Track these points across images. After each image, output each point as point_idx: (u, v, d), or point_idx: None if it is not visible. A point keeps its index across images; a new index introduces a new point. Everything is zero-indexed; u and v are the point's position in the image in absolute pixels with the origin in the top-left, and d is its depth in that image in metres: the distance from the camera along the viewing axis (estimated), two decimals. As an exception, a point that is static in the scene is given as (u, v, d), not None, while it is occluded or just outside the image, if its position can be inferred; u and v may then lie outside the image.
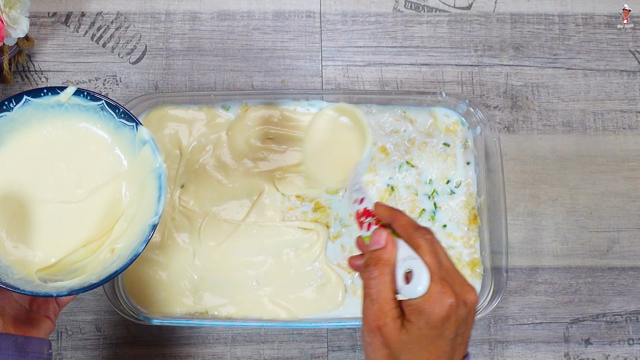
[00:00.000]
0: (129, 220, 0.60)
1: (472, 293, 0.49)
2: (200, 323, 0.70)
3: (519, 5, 0.82)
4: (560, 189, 0.78)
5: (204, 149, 0.74)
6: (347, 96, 0.75)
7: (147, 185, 0.59)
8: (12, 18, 0.70)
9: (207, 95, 0.75)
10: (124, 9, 0.80)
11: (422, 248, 0.49)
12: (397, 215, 0.52)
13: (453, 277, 0.49)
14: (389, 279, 0.49)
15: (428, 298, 0.47)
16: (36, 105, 0.59)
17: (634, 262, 0.76)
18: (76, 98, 0.59)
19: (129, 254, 0.57)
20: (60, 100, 0.59)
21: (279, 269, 0.72)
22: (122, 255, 0.57)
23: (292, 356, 0.73)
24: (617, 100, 0.80)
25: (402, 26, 0.81)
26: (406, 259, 0.49)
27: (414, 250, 0.49)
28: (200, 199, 0.73)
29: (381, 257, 0.49)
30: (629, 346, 0.75)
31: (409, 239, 0.50)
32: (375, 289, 0.48)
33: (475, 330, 0.74)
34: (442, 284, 0.47)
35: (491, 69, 0.80)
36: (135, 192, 0.60)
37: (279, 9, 0.81)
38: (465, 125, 0.76)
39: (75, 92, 0.59)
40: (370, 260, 0.50)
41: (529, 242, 0.76)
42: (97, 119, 0.61)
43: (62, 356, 0.73)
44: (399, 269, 0.49)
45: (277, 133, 0.75)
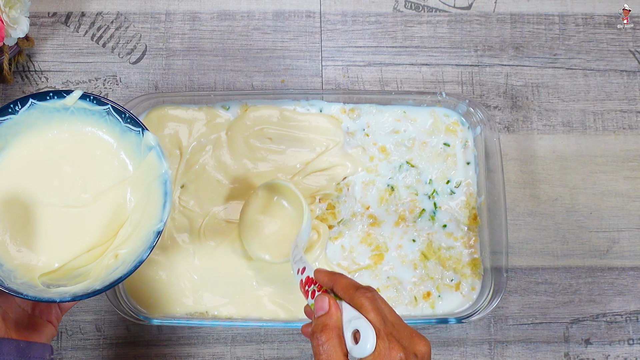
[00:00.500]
0: (134, 225, 0.59)
1: (422, 344, 0.50)
2: (200, 323, 0.70)
3: (519, 5, 0.82)
4: (560, 189, 0.78)
5: (204, 149, 0.74)
6: (347, 96, 0.76)
7: (152, 191, 0.59)
8: (12, 18, 0.70)
9: (207, 95, 0.75)
10: (124, 9, 0.80)
11: (365, 307, 0.50)
12: (336, 278, 0.53)
13: (400, 331, 0.50)
14: (337, 342, 0.49)
15: (377, 356, 0.47)
16: (42, 108, 0.59)
17: (634, 262, 0.76)
18: (82, 102, 0.59)
19: (133, 260, 0.56)
20: (66, 104, 0.59)
21: (279, 269, 0.72)
22: (126, 261, 0.57)
23: (292, 356, 0.73)
24: (617, 100, 0.80)
25: (402, 26, 0.81)
26: (352, 320, 0.50)
27: (358, 311, 0.50)
28: (200, 199, 0.73)
29: (327, 323, 0.50)
30: (629, 346, 0.75)
31: (351, 301, 0.51)
32: (325, 355, 0.49)
33: (475, 330, 0.74)
34: (389, 339, 0.48)
35: (491, 69, 0.80)
36: (140, 198, 0.60)
37: (279, 9, 0.81)
38: (465, 125, 0.76)
39: (81, 96, 0.59)
40: (316, 327, 0.50)
41: (529, 242, 0.76)
42: (102, 123, 0.61)
43: (62, 356, 0.73)
44: (346, 330, 0.50)
45: (276, 133, 0.75)
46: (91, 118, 0.60)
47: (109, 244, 0.60)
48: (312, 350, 0.51)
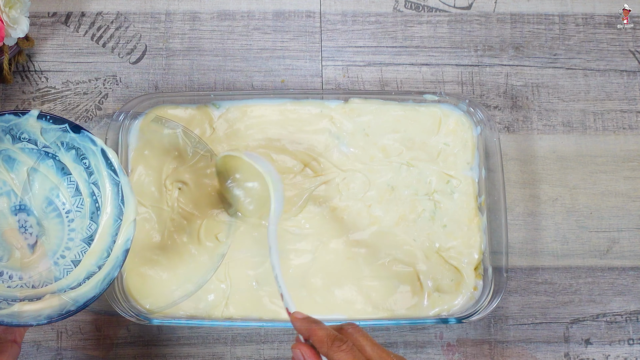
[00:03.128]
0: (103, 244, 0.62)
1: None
2: (200, 323, 0.70)
3: (519, 5, 0.82)
4: (560, 189, 0.78)
5: (200, 150, 0.74)
6: (347, 96, 0.75)
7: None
8: (12, 18, 0.70)
9: (206, 95, 0.75)
10: (124, 9, 0.80)
11: (343, 348, 0.51)
12: (312, 330, 0.54)
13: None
14: None
15: None
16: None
17: (634, 262, 0.76)
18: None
19: (104, 278, 0.58)
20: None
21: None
22: (99, 280, 0.58)
23: (292, 356, 0.73)
24: (617, 100, 0.80)
25: (402, 26, 0.81)
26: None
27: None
28: (198, 200, 0.73)
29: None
30: (629, 346, 0.75)
31: (327, 356, 0.52)
32: None
33: (475, 330, 0.74)
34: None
35: (491, 69, 0.80)
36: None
37: (279, 9, 0.81)
38: (466, 125, 0.76)
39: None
40: None
41: (529, 242, 0.76)
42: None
43: (62, 356, 0.73)
44: None
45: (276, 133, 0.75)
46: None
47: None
48: None
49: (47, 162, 0.64)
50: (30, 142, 0.62)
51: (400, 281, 0.72)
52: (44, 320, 0.55)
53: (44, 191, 0.64)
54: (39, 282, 0.62)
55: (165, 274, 0.72)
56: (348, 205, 0.74)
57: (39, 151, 0.63)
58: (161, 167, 0.73)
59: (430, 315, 0.71)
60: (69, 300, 0.58)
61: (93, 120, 0.78)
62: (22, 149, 0.63)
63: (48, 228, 0.64)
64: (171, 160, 0.74)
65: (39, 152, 0.63)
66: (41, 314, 0.56)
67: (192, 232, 0.72)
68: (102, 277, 0.59)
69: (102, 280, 0.59)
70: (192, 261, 0.72)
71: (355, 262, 0.73)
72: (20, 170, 0.64)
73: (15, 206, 0.64)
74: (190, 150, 0.73)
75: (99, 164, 0.62)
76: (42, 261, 0.63)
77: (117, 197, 0.61)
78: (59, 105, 0.78)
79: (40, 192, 0.64)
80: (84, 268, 0.61)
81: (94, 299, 0.57)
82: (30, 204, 0.64)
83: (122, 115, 0.73)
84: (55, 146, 0.62)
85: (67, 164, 0.63)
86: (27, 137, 0.62)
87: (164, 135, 0.74)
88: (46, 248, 0.64)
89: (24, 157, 0.63)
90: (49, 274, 0.62)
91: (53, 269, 0.63)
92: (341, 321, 0.70)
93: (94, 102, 0.78)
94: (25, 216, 0.64)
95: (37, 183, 0.64)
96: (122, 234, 0.60)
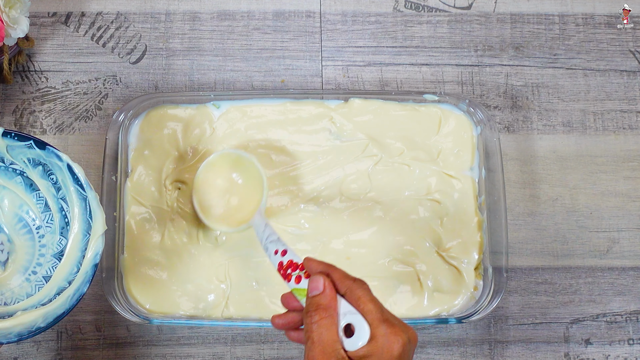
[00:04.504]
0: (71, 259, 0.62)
1: (412, 332, 0.51)
2: (200, 323, 0.70)
3: (519, 5, 0.82)
4: (560, 189, 0.78)
5: (200, 149, 0.74)
6: (347, 96, 0.75)
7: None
8: (12, 18, 0.70)
9: (207, 95, 0.75)
10: (124, 9, 0.80)
11: (363, 298, 0.50)
12: (332, 268, 0.53)
13: (396, 319, 0.51)
14: (331, 322, 0.50)
15: (375, 344, 0.48)
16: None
17: (634, 262, 0.76)
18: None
19: (73, 293, 0.58)
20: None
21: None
22: (68, 295, 0.58)
23: (292, 356, 0.73)
24: (617, 100, 0.80)
25: (402, 26, 0.81)
26: (346, 314, 0.50)
27: (352, 305, 0.51)
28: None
29: (321, 302, 0.50)
30: (629, 346, 0.75)
31: (347, 291, 0.51)
32: (316, 332, 0.49)
33: (475, 330, 0.74)
34: (389, 325, 0.49)
35: (491, 69, 0.80)
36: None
37: (279, 9, 0.81)
38: (466, 125, 0.76)
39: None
40: (310, 306, 0.51)
41: (529, 242, 0.76)
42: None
43: (62, 356, 0.73)
44: (339, 322, 0.50)
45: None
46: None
47: None
48: (305, 328, 0.51)
49: (15, 179, 0.64)
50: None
51: (400, 281, 0.72)
52: (14, 338, 0.56)
53: (13, 208, 0.65)
54: (10, 298, 0.62)
55: (165, 274, 0.72)
56: (348, 205, 0.74)
57: (7, 168, 0.63)
58: (161, 167, 0.73)
59: (430, 315, 0.71)
60: (39, 317, 0.57)
61: (93, 120, 0.78)
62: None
63: (19, 244, 0.64)
64: (171, 160, 0.74)
65: (7, 169, 0.63)
66: (11, 332, 0.56)
67: (192, 232, 0.72)
68: (71, 293, 0.59)
69: (71, 295, 0.59)
70: (192, 261, 0.72)
71: (355, 262, 0.73)
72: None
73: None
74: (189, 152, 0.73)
75: (66, 179, 0.62)
76: (14, 277, 0.64)
77: (85, 211, 0.61)
78: (59, 105, 0.78)
79: (10, 209, 0.65)
80: (55, 283, 0.61)
81: (63, 315, 0.58)
82: (1, 221, 0.65)
83: (122, 115, 0.73)
84: (22, 163, 0.63)
85: (35, 180, 0.63)
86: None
87: (164, 135, 0.74)
88: (18, 264, 0.64)
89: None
90: (20, 290, 0.63)
91: (25, 285, 0.63)
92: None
93: (94, 102, 0.78)
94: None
95: (7, 200, 0.65)
96: (91, 248, 0.60)
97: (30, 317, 0.58)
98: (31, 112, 0.77)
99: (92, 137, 0.77)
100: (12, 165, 0.63)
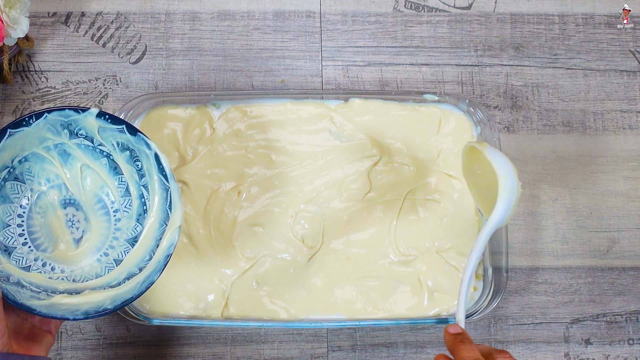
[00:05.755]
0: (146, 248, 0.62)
1: None
2: (200, 323, 0.70)
3: (519, 5, 0.82)
4: (560, 189, 0.78)
5: (200, 150, 0.74)
6: (347, 96, 0.76)
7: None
8: (12, 18, 0.70)
9: (207, 95, 0.75)
10: (124, 9, 0.80)
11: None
12: (458, 348, 0.54)
13: None
14: None
15: None
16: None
17: (634, 262, 0.76)
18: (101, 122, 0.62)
19: (143, 280, 0.59)
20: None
21: (279, 269, 0.72)
22: (138, 282, 0.59)
23: (292, 356, 0.73)
24: (617, 100, 0.80)
25: (402, 26, 0.81)
26: None
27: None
28: (199, 200, 0.73)
29: None
30: (629, 346, 0.75)
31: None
32: None
33: (475, 330, 0.74)
34: None
35: (491, 69, 0.80)
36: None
37: (279, 9, 0.81)
38: (466, 125, 0.76)
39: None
40: None
41: (529, 242, 0.76)
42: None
43: (62, 356, 0.73)
44: None
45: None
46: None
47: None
48: None
49: (101, 160, 0.64)
50: (87, 139, 0.63)
51: (400, 281, 0.72)
52: (81, 316, 0.56)
53: (94, 188, 0.65)
54: (80, 276, 0.62)
55: (165, 274, 0.72)
56: (348, 205, 0.74)
57: (94, 149, 0.64)
58: (161, 167, 0.73)
59: (430, 315, 0.71)
60: (107, 298, 0.58)
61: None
62: (78, 145, 0.63)
63: (94, 224, 0.65)
64: (171, 160, 0.74)
65: (94, 150, 0.64)
66: (79, 309, 0.56)
67: (192, 232, 0.72)
68: (141, 280, 0.59)
69: (141, 282, 0.59)
70: (192, 261, 0.72)
71: (355, 262, 0.73)
72: (74, 165, 0.64)
73: (65, 199, 0.64)
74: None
75: (151, 167, 0.62)
76: (86, 256, 0.64)
77: (165, 202, 0.62)
78: (59, 105, 0.78)
79: (91, 189, 0.65)
80: (125, 268, 0.61)
81: (131, 299, 0.58)
82: (80, 199, 0.65)
83: (122, 115, 0.73)
84: (110, 145, 0.63)
85: (120, 164, 0.64)
86: (84, 134, 0.62)
87: (164, 135, 0.74)
88: (91, 244, 0.64)
89: (79, 153, 0.63)
90: (90, 269, 0.63)
91: (95, 265, 0.63)
92: (341, 321, 0.70)
93: (94, 102, 0.78)
94: (74, 210, 0.65)
95: (89, 179, 0.65)
96: (166, 238, 0.61)
97: (99, 297, 0.58)
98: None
99: (92, 137, 0.77)
100: (100, 146, 0.63)
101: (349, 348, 0.74)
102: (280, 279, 0.72)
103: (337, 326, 0.72)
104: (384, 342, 0.74)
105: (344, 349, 0.74)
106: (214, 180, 0.74)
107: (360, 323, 0.70)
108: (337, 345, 0.74)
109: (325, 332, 0.74)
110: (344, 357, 0.74)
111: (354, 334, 0.74)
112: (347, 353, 0.74)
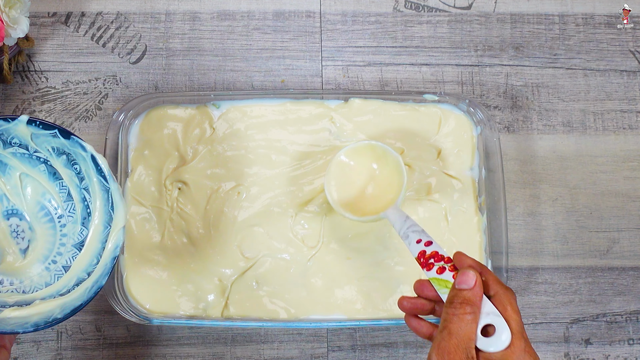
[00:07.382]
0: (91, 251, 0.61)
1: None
2: (200, 323, 0.70)
3: (519, 5, 0.82)
4: (560, 189, 0.78)
5: (200, 149, 0.74)
6: (347, 96, 0.76)
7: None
8: (12, 18, 0.70)
9: (207, 95, 0.75)
10: (124, 9, 0.80)
11: (512, 306, 0.51)
12: (484, 269, 0.54)
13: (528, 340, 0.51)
14: (473, 318, 0.50)
15: (511, 354, 0.49)
16: None
17: (634, 262, 0.76)
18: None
19: (92, 285, 0.58)
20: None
21: (279, 269, 0.72)
22: (87, 287, 0.58)
23: (292, 356, 0.73)
24: (617, 100, 0.80)
25: (402, 26, 0.81)
26: (489, 314, 0.51)
27: (496, 308, 0.51)
28: (199, 200, 0.73)
29: (468, 297, 0.51)
30: (629, 346, 0.75)
31: (495, 294, 0.52)
32: (456, 324, 0.50)
33: (475, 330, 0.74)
34: (527, 344, 0.50)
35: (491, 69, 0.80)
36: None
37: (279, 9, 0.81)
38: (466, 125, 0.76)
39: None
40: (456, 298, 0.51)
41: (529, 242, 0.76)
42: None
43: (62, 356, 0.73)
44: (480, 320, 0.50)
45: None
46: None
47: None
48: (443, 316, 0.51)
49: (39, 167, 0.64)
50: (22, 147, 0.62)
51: (400, 281, 0.72)
52: (31, 328, 0.55)
53: (36, 196, 0.64)
54: (29, 287, 0.62)
55: (165, 274, 0.72)
56: (348, 205, 0.74)
57: (31, 156, 0.63)
58: (161, 167, 0.73)
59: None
60: (56, 307, 0.57)
61: (93, 120, 0.78)
62: (13, 154, 0.62)
63: (40, 233, 0.64)
64: (171, 160, 0.74)
65: (31, 157, 0.63)
66: (28, 321, 0.56)
67: (192, 233, 0.72)
68: (90, 285, 0.58)
69: (90, 287, 0.58)
70: (192, 261, 0.72)
71: (355, 262, 0.73)
72: (12, 175, 0.64)
73: (7, 210, 0.64)
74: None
75: (89, 170, 0.61)
76: (34, 266, 0.63)
77: (107, 203, 0.61)
78: (59, 105, 0.78)
79: (33, 197, 0.64)
80: (74, 274, 0.61)
81: (81, 306, 0.57)
82: (23, 208, 0.64)
83: (122, 115, 0.73)
84: (46, 151, 0.62)
85: (59, 169, 0.63)
86: (17, 142, 0.62)
87: (164, 135, 0.74)
88: (38, 253, 0.64)
89: (16, 162, 0.63)
90: (40, 279, 0.62)
91: (44, 274, 0.63)
92: (341, 321, 0.70)
93: (94, 102, 0.78)
94: (17, 221, 0.64)
95: (30, 188, 0.64)
96: (111, 240, 0.60)
97: (47, 306, 0.57)
98: (31, 112, 0.77)
99: (92, 137, 0.77)
100: (37, 153, 0.63)
101: (349, 348, 0.74)
102: (280, 279, 0.72)
103: (337, 326, 0.72)
104: (384, 342, 0.74)
105: (344, 349, 0.74)
106: (214, 180, 0.74)
107: (360, 323, 0.70)
108: (337, 345, 0.74)
109: (325, 332, 0.74)
110: (344, 357, 0.74)
111: (354, 334, 0.74)
112: (347, 353, 0.74)
